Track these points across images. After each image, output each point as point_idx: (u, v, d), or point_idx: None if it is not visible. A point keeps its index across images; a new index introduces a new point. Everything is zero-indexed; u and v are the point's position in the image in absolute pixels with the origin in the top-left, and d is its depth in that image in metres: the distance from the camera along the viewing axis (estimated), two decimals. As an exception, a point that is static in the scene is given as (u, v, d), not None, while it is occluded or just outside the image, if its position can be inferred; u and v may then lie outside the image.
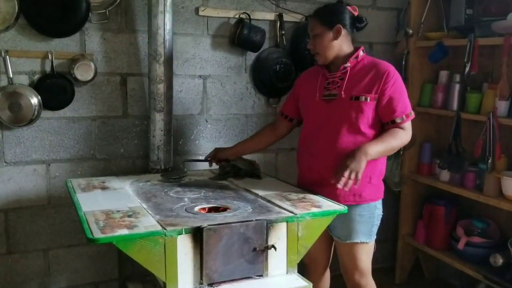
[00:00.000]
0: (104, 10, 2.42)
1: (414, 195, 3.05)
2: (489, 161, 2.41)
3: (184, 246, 1.59)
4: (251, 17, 2.72)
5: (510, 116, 2.38)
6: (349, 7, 2.14)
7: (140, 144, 2.61)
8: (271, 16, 2.81)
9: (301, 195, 2.02)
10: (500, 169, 2.46)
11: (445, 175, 2.78)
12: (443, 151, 2.72)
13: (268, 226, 1.70)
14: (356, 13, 2.13)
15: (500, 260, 2.43)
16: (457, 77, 2.70)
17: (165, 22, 2.39)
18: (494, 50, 2.64)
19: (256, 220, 1.69)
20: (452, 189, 2.71)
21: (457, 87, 2.69)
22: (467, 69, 2.49)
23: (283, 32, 2.83)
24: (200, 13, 2.65)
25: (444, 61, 2.81)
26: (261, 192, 2.06)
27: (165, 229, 1.57)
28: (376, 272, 2.62)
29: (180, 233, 1.57)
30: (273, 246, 1.70)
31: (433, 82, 2.91)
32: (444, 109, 2.77)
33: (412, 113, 2.04)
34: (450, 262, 2.74)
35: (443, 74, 2.83)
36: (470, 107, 2.60)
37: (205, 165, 2.76)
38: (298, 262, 1.80)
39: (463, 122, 2.62)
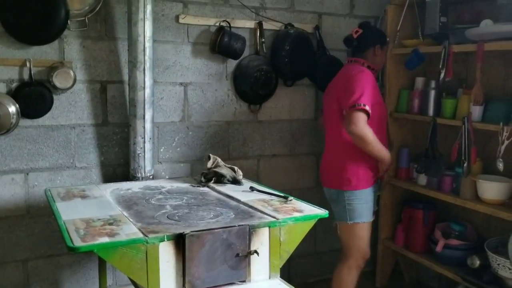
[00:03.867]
0: (83, 18, 2.42)
1: (393, 200, 3.10)
2: (465, 165, 2.46)
3: (166, 253, 1.59)
4: (231, 25, 2.74)
5: (484, 120, 2.44)
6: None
7: (121, 152, 2.60)
8: (251, 24, 2.84)
9: (283, 200, 2.04)
10: (475, 173, 2.52)
11: (422, 179, 2.83)
12: (420, 155, 2.77)
13: (250, 232, 1.71)
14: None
15: (477, 262, 2.48)
16: (433, 83, 2.76)
17: (145, 29, 2.40)
18: (468, 57, 2.72)
19: (238, 225, 1.70)
20: (430, 193, 2.77)
21: (433, 93, 2.75)
22: (442, 75, 2.54)
23: (263, 40, 2.86)
24: (180, 20, 2.66)
25: (420, 67, 2.87)
26: (243, 198, 2.06)
27: (146, 236, 1.56)
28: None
29: (162, 240, 1.57)
30: (255, 252, 1.71)
31: (409, 88, 2.97)
32: (420, 114, 2.83)
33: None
34: (429, 265, 2.79)
35: (419, 81, 2.89)
36: (446, 112, 2.66)
37: (186, 172, 2.77)
38: (280, 266, 1.81)
39: (439, 127, 2.68)
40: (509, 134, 2.22)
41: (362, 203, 2.46)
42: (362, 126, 2.30)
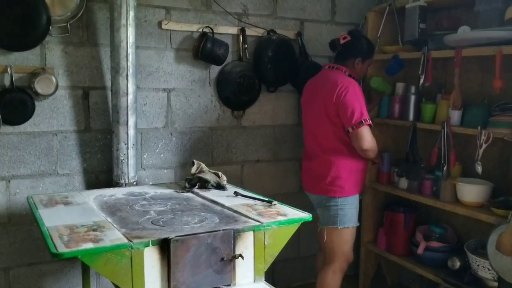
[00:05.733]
0: (65, 24, 2.40)
1: (375, 203, 3.14)
2: (445, 168, 2.52)
3: (151, 258, 1.59)
4: (214, 31, 2.76)
5: (463, 124, 2.50)
6: None
7: (104, 158, 2.58)
8: (233, 30, 2.86)
9: (267, 205, 2.05)
10: (455, 176, 2.57)
11: (403, 183, 2.88)
12: (401, 160, 2.82)
13: (235, 236, 1.72)
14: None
15: (457, 263, 2.53)
16: (413, 89, 2.82)
17: (128, 35, 2.40)
18: (447, 62, 2.78)
19: (223, 230, 1.70)
20: (411, 196, 2.81)
21: (412, 98, 2.80)
22: (421, 81, 2.60)
23: (246, 46, 2.89)
24: (163, 26, 2.67)
25: (401, 73, 2.93)
26: (227, 203, 2.07)
27: (131, 241, 1.56)
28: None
29: (146, 245, 1.57)
30: (240, 255, 1.72)
31: (390, 94, 3.02)
32: (401, 119, 2.87)
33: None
34: (411, 267, 2.83)
35: (400, 86, 2.94)
36: (425, 117, 2.72)
37: (170, 178, 2.76)
38: (265, 270, 1.82)
39: (419, 132, 2.73)
40: (487, 138, 2.28)
41: (353, 208, 2.51)
42: (372, 139, 2.43)
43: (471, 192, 2.47)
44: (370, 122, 2.42)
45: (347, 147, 2.46)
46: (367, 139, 2.40)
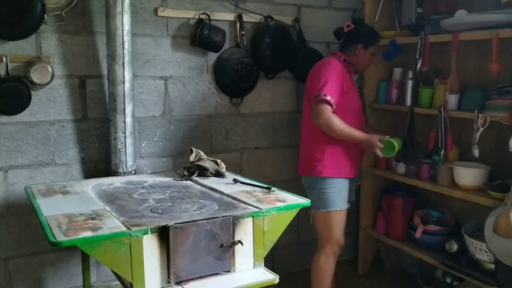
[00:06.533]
0: (60, 12, 2.38)
1: (373, 188, 3.16)
2: (442, 152, 2.53)
3: (150, 246, 1.59)
4: (211, 18, 2.74)
5: (460, 109, 2.50)
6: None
7: (101, 147, 2.58)
8: (230, 16, 2.84)
9: (266, 191, 2.06)
10: (452, 160, 2.59)
11: (401, 167, 2.89)
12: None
13: (234, 222, 1.73)
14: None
15: (455, 246, 2.55)
16: (410, 74, 2.81)
17: (124, 23, 2.38)
18: (444, 47, 2.77)
19: (222, 216, 1.71)
20: (409, 181, 2.83)
21: (410, 83, 2.80)
22: (419, 65, 2.59)
23: (243, 32, 2.87)
24: (159, 13, 2.65)
25: (398, 58, 2.92)
26: (226, 190, 2.08)
27: (130, 229, 1.56)
28: (340, 264, 2.72)
29: (145, 233, 1.58)
30: (239, 242, 1.73)
31: (388, 79, 3.02)
32: (398, 104, 2.88)
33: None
34: (409, 251, 2.85)
35: (397, 71, 2.94)
36: (423, 102, 2.72)
37: (169, 167, 2.77)
38: (264, 256, 1.84)
39: (417, 117, 2.72)
40: (484, 121, 2.28)
41: (335, 192, 2.48)
42: (326, 116, 2.33)
43: (468, 175, 2.48)
44: (328, 98, 2.31)
45: None
46: (319, 114, 2.33)
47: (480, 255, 2.38)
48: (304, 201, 1.94)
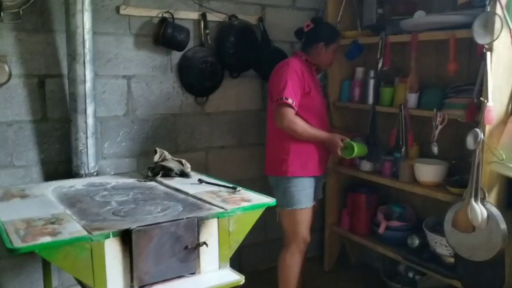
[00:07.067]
0: (18, 10, 2.30)
1: (338, 186, 3.21)
2: (403, 149, 2.59)
3: (112, 250, 1.57)
4: (175, 16, 2.71)
5: (419, 107, 2.57)
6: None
7: (62, 148, 2.51)
8: (194, 15, 2.82)
9: (232, 191, 2.06)
10: (413, 157, 2.65)
11: (364, 165, 2.95)
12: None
13: (199, 223, 1.72)
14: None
15: (416, 241, 2.62)
16: (372, 73, 2.87)
17: (84, 21, 2.32)
18: (404, 47, 2.83)
19: (186, 218, 1.70)
20: (372, 178, 2.89)
21: (372, 82, 2.86)
22: (380, 65, 2.65)
23: (208, 31, 2.85)
24: (121, 12, 2.60)
25: (361, 58, 2.97)
26: (191, 191, 2.07)
27: (91, 234, 1.53)
28: (306, 261, 2.75)
29: (107, 236, 1.55)
30: (204, 243, 1.73)
31: (350, 78, 3.07)
32: (361, 103, 2.93)
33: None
34: (373, 247, 2.91)
35: (359, 71, 2.99)
36: (384, 100, 2.78)
37: (133, 167, 2.73)
38: (230, 256, 1.84)
39: (379, 115, 2.79)
40: (442, 119, 2.36)
41: (300, 190, 2.51)
42: (288, 119, 2.38)
43: (428, 172, 2.55)
44: (289, 101, 2.35)
45: None
46: (281, 117, 2.37)
47: (440, 249, 2.45)
48: (269, 200, 1.95)
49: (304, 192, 2.52)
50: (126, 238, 1.58)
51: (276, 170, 2.53)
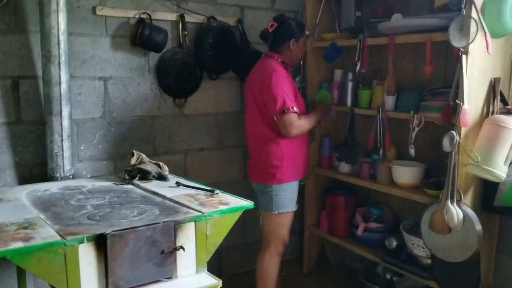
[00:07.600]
0: (-11, 9, 2.25)
1: (317, 188, 3.21)
2: (381, 151, 2.62)
3: (86, 255, 1.54)
4: (152, 17, 2.68)
5: (397, 109, 2.60)
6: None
7: (37, 151, 2.46)
8: (172, 16, 2.79)
9: (209, 194, 2.04)
10: (390, 159, 2.68)
11: (343, 166, 2.96)
12: (340, 144, 2.89)
13: (176, 227, 1.70)
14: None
15: (394, 243, 2.65)
16: (350, 75, 2.88)
17: (59, 21, 2.28)
18: (382, 49, 2.87)
19: (163, 222, 1.68)
20: (350, 180, 2.90)
21: (350, 84, 2.87)
22: (358, 67, 2.66)
23: (186, 32, 2.83)
24: (98, 12, 2.56)
25: (339, 60, 2.98)
26: (169, 194, 2.04)
27: (64, 239, 1.50)
28: (285, 263, 2.75)
29: (81, 241, 1.52)
30: (181, 247, 1.71)
31: (329, 80, 3.08)
32: (340, 105, 2.94)
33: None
34: (352, 248, 2.93)
35: (338, 73, 3.01)
36: (362, 102, 2.80)
37: (110, 170, 2.68)
38: (207, 260, 1.82)
39: (357, 117, 2.81)
40: (419, 121, 2.38)
41: (288, 194, 2.53)
42: (295, 125, 2.41)
43: (405, 174, 2.58)
44: (295, 109, 2.39)
45: (278, 134, 2.47)
46: (291, 125, 2.39)
47: (417, 250, 2.48)
48: (247, 203, 1.93)
49: (292, 196, 2.55)
50: (101, 243, 1.55)
51: (268, 179, 2.50)
